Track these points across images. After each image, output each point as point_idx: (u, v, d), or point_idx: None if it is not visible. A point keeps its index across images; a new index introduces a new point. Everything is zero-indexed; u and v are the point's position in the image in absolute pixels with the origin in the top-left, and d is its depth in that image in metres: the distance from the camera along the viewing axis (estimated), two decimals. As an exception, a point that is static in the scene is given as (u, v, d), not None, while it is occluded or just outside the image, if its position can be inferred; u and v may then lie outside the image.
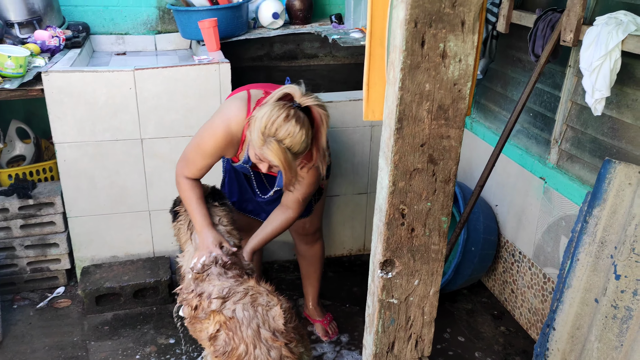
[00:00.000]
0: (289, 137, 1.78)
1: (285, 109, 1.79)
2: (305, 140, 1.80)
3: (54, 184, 2.92)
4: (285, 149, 1.79)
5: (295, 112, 1.79)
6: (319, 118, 1.86)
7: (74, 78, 2.62)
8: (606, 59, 1.92)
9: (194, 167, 2.12)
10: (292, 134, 1.78)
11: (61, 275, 2.96)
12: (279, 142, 1.78)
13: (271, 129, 1.78)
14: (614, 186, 2.02)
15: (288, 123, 1.77)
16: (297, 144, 1.79)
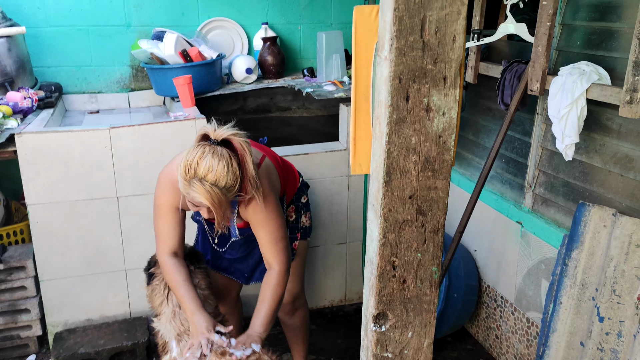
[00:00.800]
0: (210, 173, 1.74)
1: (200, 147, 1.77)
2: (229, 171, 1.76)
3: (25, 247, 2.83)
4: (210, 186, 1.75)
5: (210, 148, 1.76)
6: (239, 147, 1.81)
7: (48, 138, 2.59)
8: (573, 106, 2.00)
9: (163, 235, 2.04)
10: (212, 168, 1.74)
11: (32, 342, 2.82)
12: (201, 180, 1.75)
13: (190, 170, 1.75)
14: (590, 228, 2.07)
15: (205, 159, 1.75)
16: (221, 176, 1.75)
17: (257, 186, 1.87)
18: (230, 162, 1.77)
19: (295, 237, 2.35)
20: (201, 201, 1.78)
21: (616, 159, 2.04)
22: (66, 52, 3.41)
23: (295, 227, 2.35)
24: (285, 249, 2.04)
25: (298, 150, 3.03)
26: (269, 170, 2.08)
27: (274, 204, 1.99)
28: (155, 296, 2.13)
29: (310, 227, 2.43)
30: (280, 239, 2.02)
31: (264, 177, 1.99)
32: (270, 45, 3.51)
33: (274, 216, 1.99)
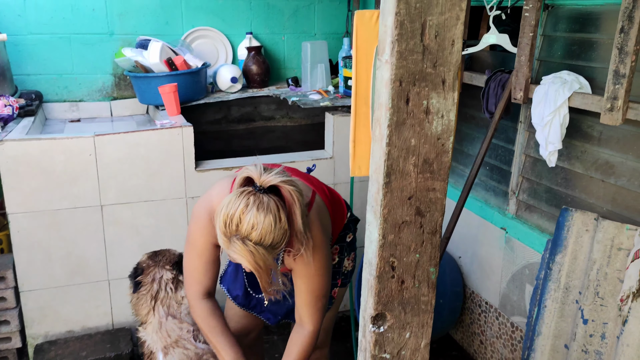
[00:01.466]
0: (255, 230, 1.50)
1: (244, 196, 1.52)
2: (277, 226, 1.52)
3: (5, 257, 2.77)
4: (254, 247, 1.51)
5: (256, 198, 1.51)
6: (288, 196, 1.56)
7: (30, 146, 2.55)
8: (556, 114, 2.07)
9: (198, 275, 1.80)
10: (257, 224, 1.49)
11: (11, 355, 2.75)
12: (244, 240, 1.51)
13: (231, 226, 1.51)
14: (573, 233, 2.13)
15: (249, 213, 1.49)
16: (267, 234, 1.51)
17: (305, 240, 1.62)
18: (278, 216, 1.52)
19: (335, 283, 2.07)
20: (241, 262, 1.56)
21: (597, 165, 2.11)
22: (47, 60, 3.37)
23: (337, 271, 2.07)
24: (323, 308, 1.81)
25: (284, 159, 3.04)
26: (321, 211, 1.79)
27: (324, 255, 1.73)
28: (141, 305, 2.10)
29: (351, 271, 2.15)
30: (322, 297, 1.78)
31: (316, 221, 1.72)
32: (255, 55, 3.53)
33: (322, 272, 1.74)
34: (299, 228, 1.58)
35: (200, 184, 2.85)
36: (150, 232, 2.80)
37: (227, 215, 1.52)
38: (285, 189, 1.55)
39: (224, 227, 1.52)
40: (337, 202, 2.01)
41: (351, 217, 2.08)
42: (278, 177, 1.55)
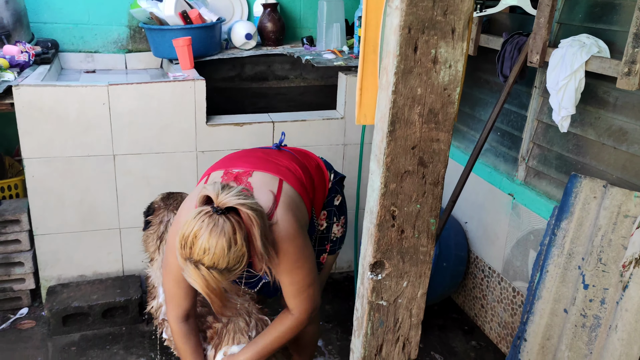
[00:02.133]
0: (207, 255, 1.44)
1: (200, 217, 1.45)
2: (231, 250, 1.46)
3: (20, 201, 2.84)
4: (206, 271, 1.46)
5: (210, 221, 1.44)
6: (247, 219, 1.48)
7: (45, 92, 2.58)
8: (571, 78, 2.04)
9: (175, 299, 1.74)
10: (209, 249, 1.43)
11: (25, 295, 2.84)
12: (197, 264, 1.46)
13: (186, 248, 1.47)
14: (580, 199, 2.12)
15: (201, 237, 1.43)
16: (220, 259, 1.45)
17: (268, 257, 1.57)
18: (233, 239, 1.46)
19: (324, 249, 2.04)
20: (195, 286, 1.52)
21: (610, 132, 2.09)
22: (63, 8, 3.37)
23: (324, 237, 2.03)
24: (312, 296, 1.76)
25: (295, 117, 3.05)
26: (290, 200, 1.72)
27: (299, 246, 1.67)
28: (149, 243, 2.18)
29: (342, 237, 2.09)
30: (308, 286, 1.73)
31: (285, 216, 1.66)
32: (271, 12, 3.49)
33: (300, 263, 1.68)
34: (259, 250, 1.52)
35: (211, 138, 2.87)
36: (161, 183, 2.85)
37: (182, 236, 1.46)
38: (243, 212, 1.48)
39: (180, 249, 1.48)
40: (316, 171, 1.94)
41: (335, 178, 2.01)
42: (236, 199, 1.47)
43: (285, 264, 1.66)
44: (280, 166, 1.80)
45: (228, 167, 1.79)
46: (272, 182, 1.73)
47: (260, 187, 1.70)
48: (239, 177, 1.73)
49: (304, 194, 1.80)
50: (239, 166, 1.77)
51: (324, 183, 1.95)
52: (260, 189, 1.69)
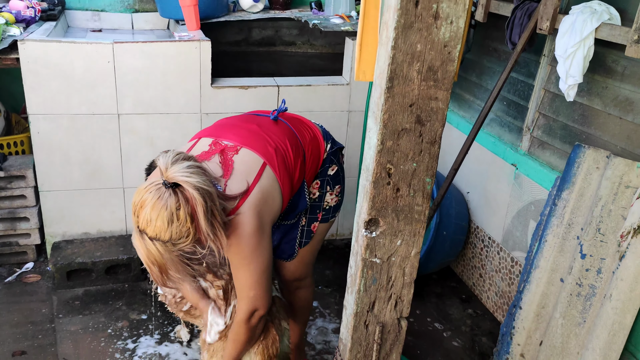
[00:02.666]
0: (149, 227, 1.44)
1: (149, 188, 1.44)
2: (173, 226, 1.44)
3: (26, 157, 2.86)
4: (149, 241, 1.46)
5: (156, 193, 1.43)
6: (191, 199, 1.45)
7: (51, 48, 2.57)
8: (580, 46, 2.00)
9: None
10: (150, 222, 1.43)
11: (30, 250, 2.90)
12: (141, 233, 1.46)
13: (134, 217, 1.47)
14: (583, 170, 2.11)
15: (145, 208, 1.43)
16: (161, 232, 1.44)
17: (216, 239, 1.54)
18: (176, 215, 1.43)
19: (315, 217, 2.00)
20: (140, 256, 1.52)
21: (617, 102, 2.06)
22: (71, -35, 3.35)
23: (317, 206, 1.99)
24: (252, 299, 1.72)
25: (300, 82, 3.03)
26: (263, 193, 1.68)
27: (251, 247, 1.64)
28: None
29: (337, 206, 2.04)
30: (249, 288, 1.70)
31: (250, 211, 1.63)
32: (279, -26, 3.44)
33: (247, 262, 1.66)
34: (202, 229, 1.49)
35: (215, 100, 2.87)
36: (165, 144, 2.86)
37: (133, 204, 1.48)
38: (187, 191, 1.44)
39: (133, 215, 1.49)
40: (311, 143, 1.90)
41: (332, 149, 1.97)
42: (182, 176, 1.43)
43: (232, 256, 1.66)
44: (270, 145, 1.77)
45: (219, 136, 1.77)
46: (254, 165, 1.70)
47: (240, 170, 1.67)
48: (226, 150, 1.70)
49: (285, 179, 1.76)
50: (230, 138, 1.75)
51: (318, 154, 1.93)
52: (238, 172, 1.67)
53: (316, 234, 2.03)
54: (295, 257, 2.02)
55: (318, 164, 1.93)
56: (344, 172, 2.04)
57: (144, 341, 2.44)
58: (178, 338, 2.46)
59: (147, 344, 2.42)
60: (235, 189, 1.62)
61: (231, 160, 1.68)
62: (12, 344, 2.36)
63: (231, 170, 1.66)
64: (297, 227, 1.98)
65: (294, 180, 1.81)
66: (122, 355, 2.35)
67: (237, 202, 1.60)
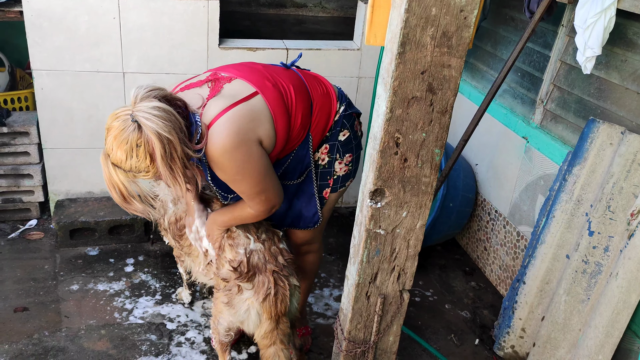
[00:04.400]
0: (112, 154, 1.48)
1: (119, 115, 1.46)
2: (132, 160, 1.46)
3: (30, 114, 2.83)
4: (112, 167, 1.49)
5: (121, 124, 1.44)
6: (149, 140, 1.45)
7: (55, 2, 2.51)
8: (601, 16, 1.92)
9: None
10: (111, 150, 1.47)
11: (34, 207, 2.89)
12: (107, 157, 1.51)
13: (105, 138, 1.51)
14: (596, 145, 2.06)
15: (109, 136, 1.47)
16: (120, 162, 1.48)
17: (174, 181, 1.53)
18: (136, 152, 1.45)
19: (326, 184, 1.95)
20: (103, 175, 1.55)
21: (635, 76, 1.99)
22: None
23: (327, 172, 1.94)
24: (265, 202, 1.74)
25: (310, 45, 2.95)
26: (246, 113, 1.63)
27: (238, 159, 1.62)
28: None
29: (347, 175, 1.97)
30: (257, 194, 1.71)
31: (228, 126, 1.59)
32: None
33: (240, 176, 1.65)
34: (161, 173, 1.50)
35: (223, 61, 2.80)
36: (170, 104, 2.81)
37: (106, 124, 1.50)
38: (144, 134, 1.44)
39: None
40: (321, 97, 1.84)
41: (346, 111, 1.89)
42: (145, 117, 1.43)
43: (223, 176, 1.66)
44: (269, 81, 1.72)
45: (220, 70, 1.77)
46: (244, 91, 1.67)
47: (226, 94, 1.65)
48: (219, 80, 1.69)
49: (279, 112, 1.70)
50: (228, 71, 1.74)
51: (328, 112, 1.85)
52: (224, 95, 1.64)
53: (328, 201, 2.01)
54: (320, 223, 2.02)
55: (328, 122, 1.86)
56: (358, 141, 1.97)
57: (144, 301, 2.45)
58: (180, 300, 2.47)
59: (147, 304, 2.44)
60: (214, 106, 1.60)
61: (221, 87, 1.68)
62: (15, 299, 2.38)
63: (216, 94, 1.65)
64: (313, 194, 1.96)
65: (292, 121, 1.75)
66: (121, 314, 2.37)
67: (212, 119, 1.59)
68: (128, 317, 2.35)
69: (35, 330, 2.23)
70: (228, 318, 1.89)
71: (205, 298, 2.51)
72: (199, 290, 2.53)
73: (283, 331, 1.87)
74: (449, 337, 2.47)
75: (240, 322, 1.88)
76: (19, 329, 2.23)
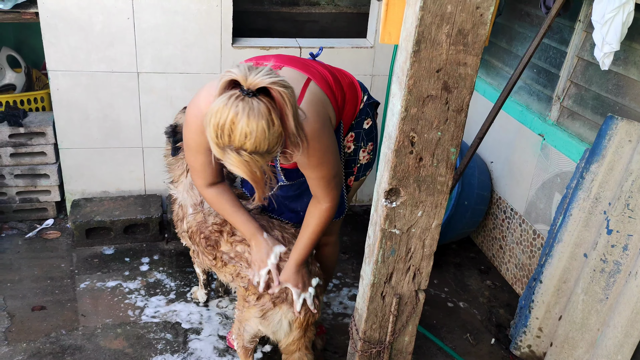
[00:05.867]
0: (248, 140, 1.40)
1: (232, 103, 1.39)
2: (270, 131, 1.41)
3: (46, 114, 2.86)
4: (249, 156, 1.43)
5: (245, 104, 1.38)
6: (279, 97, 1.42)
7: (70, 2, 2.53)
8: (619, 11, 1.89)
9: (199, 171, 1.80)
10: (250, 133, 1.39)
11: (51, 207, 2.92)
12: (238, 150, 1.42)
13: (223, 137, 1.41)
14: (614, 143, 2.03)
15: (240, 123, 1.38)
16: (261, 142, 1.41)
17: (299, 139, 1.52)
18: (270, 120, 1.40)
19: (351, 171, 2.00)
20: (237, 173, 1.50)
21: (655, 72, 1.96)
22: None
23: (352, 160, 1.98)
24: (338, 185, 1.77)
25: (324, 43, 2.94)
26: (315, 99, 1.68)
27: (324, 142, 1.64)
28: (177, 167, 2.17)
29: (368, 164, 2.03)
30: (333, 177, 1.73)
31: (309, 110, 1.61)
32: None
33: (326, 158, 1.66)
34: (291, 129, 1.47)
35: (236, 60, 2.81)
36: (184, 103, 2.80)
37: (217, 125, 1.40)
38: (275, 90, 1.40)
39: (216, 138, 1.42)
40: (349, 87, 1.88)
41: (369, 100, 1.94)
42: (267, 78, 1.40)
43: (312, 159, 1.63)
44: (311, 68, 1.75)
45: (259, 60, 1.74)
46: (299, 79, 1.67)
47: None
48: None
49: (331, 97, 1.74)
50: (270, 60, 1.71)
51: (355, 100, 1.89)
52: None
53: (351, 189, 2.05)
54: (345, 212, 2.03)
55: (355, 111, 1.90)
56: (377, 130, 2.01)
57: (159, 300, 2.46)
58: (195, 299, 2.48)
59: (162, 303, 2.45)
60: None
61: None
62: (32, 298, 2.41)
63: None
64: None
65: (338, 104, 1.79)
66: (136, 313, 2.38)
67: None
68: (143, 316, 2.37)
69: (52, 329, 2.25)
70: (256, 327, 1.88)
71: (220, 297, 2.52)
72: (214, 289, 2.54)
73: (309, 338, 1.87)
74: (464, 336, 2.46)
75: (272, 332, 1.87)
76: (37, 328, 2.25)
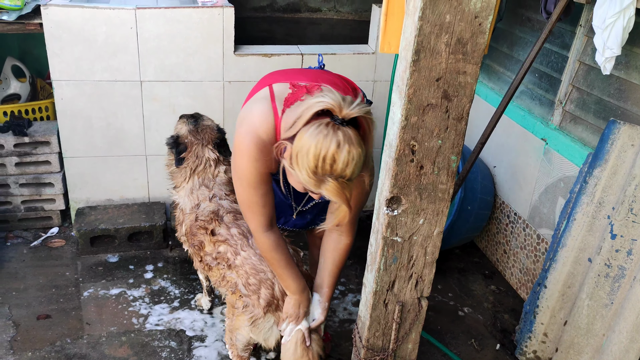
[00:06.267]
0: (348, 168, 1.41)
1: (332, 134, 1.40)
2: (362, 159, 1.44)
3: (50, 123, 2.88)
4: (346, 183, 1.45)
5: (344, 134, 1.40)
6: (366, 126, 1.46)
7: (73, 13, 2.55)
8: (620, 16, 1.89)
9: (257, 209, 1.73)
10: (350, 162, 1.41)
11: (55, 215, 2.94)
12: (338, 178, 1.43)
13: (325, 166, 1.41)
14: (617, 147, 2.02)
15: (342, 152, 1.39)
16: (359, 168, 1.45)
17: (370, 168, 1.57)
18: (362, 147, 1.43)
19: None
20: (333, 199, 1.50)
21: (656, 76, 1.96)
22: None
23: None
24: (356, 222, 1.86)
25: (325, 50, 2.95)
26: None
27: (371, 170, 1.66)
28: (179, 175, 2.18)
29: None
30: (358, 213, 1.79)
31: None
32: (305, -63, 3.33)
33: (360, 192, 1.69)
34: (369, 155, 1.51)
35: (238, 68, 2.82)
36: (186, 111, 2.81)
37: (318, 156, 1.40)
38: (365, 119, 1.44)
39: (315, 168, 1.42)
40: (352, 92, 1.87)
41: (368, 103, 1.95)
42: (360, 108, 1.42)
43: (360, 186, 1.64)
44: (337, 83, 1.76)
45: (291, 79, 1.72)
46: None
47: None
48: (311, 89, 1.64)
49: None
50: (302, 80, 1.70)
51: None
52: None
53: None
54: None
55: None
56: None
57: (163, 308, 2.47)
58: (199, 306, 2.49)
59: (167, 311, 2.46)
60: None
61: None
62: (37, 306, 2.42)
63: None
64: None
65: None
66: (141, 321, 2.39)
67: None
68: (148, 324, 2.37)
69: (57, 338, 2.26)
70: (247, 335, 1.88)
71: (224, 304, 2.52)
72: (218, 295, 2.55)
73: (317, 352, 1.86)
74: (469, 342, 2.45)
75: (264, 339, 1.87)
76: (42, 336, 2.26)
